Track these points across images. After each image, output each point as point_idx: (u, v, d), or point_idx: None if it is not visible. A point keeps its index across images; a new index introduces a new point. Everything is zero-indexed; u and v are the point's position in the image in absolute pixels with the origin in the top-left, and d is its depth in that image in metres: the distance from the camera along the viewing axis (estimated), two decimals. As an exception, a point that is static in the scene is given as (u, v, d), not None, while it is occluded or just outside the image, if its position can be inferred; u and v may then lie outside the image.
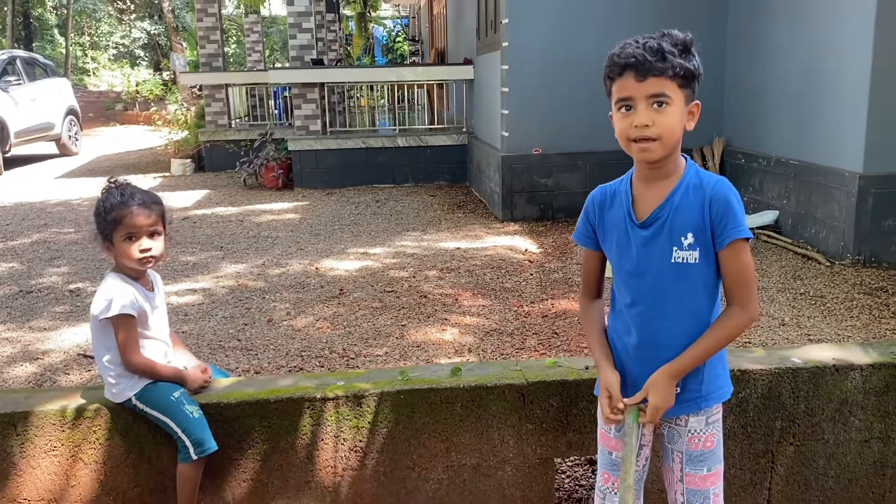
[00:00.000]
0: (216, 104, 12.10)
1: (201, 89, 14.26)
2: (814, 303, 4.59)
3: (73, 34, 31.85)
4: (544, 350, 3.97)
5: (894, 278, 4.98)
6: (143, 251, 2.30)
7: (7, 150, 12.42)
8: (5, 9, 27.50)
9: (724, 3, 7.16)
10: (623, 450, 1.82)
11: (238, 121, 12.68)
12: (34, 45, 31.01)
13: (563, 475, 2.81)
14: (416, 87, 11.95)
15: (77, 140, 15.22)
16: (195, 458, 2.30)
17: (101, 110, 24.77)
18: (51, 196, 9.72)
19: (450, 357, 3.91)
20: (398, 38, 26.33)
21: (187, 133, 13.01)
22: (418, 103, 12.51)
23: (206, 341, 4.21)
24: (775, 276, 5.15)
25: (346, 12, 23.07)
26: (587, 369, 2.52)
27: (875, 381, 2.48)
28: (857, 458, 2.53)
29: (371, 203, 8.55)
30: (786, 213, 6.15)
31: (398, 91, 11.03)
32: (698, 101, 1.72)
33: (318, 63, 10.12)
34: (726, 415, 2.43)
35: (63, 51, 30.71)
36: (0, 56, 13.44)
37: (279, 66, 24.48)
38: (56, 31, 34.49)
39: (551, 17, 7.10)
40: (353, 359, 3.91)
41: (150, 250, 2.31)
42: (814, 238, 5.73)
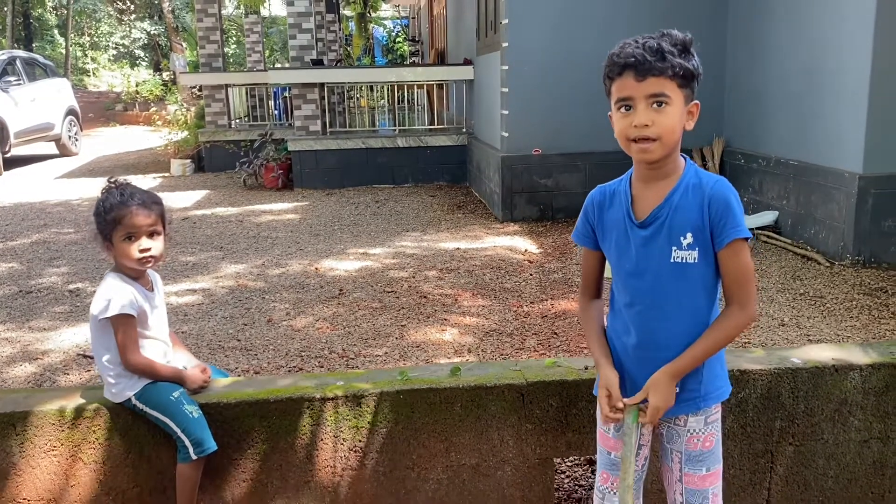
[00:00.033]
0: (216, 104, 12.11)
1: (201, 90, 14.27)
2: (813, 303, 4.59)
3: (73, 34, 31.86)
4: (544, 350, 3.98)
5: (894, 279, 4.99)
6: (142, 251, 2.30)
7: (7, 150, 12.43)
8: (5, 9, 27.51)
9: (723, 3, 7.16)
10: (622, 450, 1.82)
11: (238, 121, 12.68)
12: (34, 45, 31.03)
13: (563, 475, 2.81)
14: (415, 87, 11.95)
15: (77, 140, 15.23)
16: (195, 457, 2.30)
17: (100, 111, 24.78)
18: (50, 196, 9.72)
19: (449, 357, 3.91)
20: (398, 38, 26.33)
21: (187, 133, 13.01)
22: (418, 104, 12.51)
23: (205, 341, 4.21)
24: (775, 277, 5.15)
25: (346, 13, 23.07)
26: (587, 369, 2.52)
27: (874, 382, 2.48)
28: (857, 458, 2.53)
29: (371, 203, 8.55)
30: (785, 214, 6.16)
31: (398, 91, 11.03)
32: (697, 101, 1.72)
33: (317, 63, 10.12)
34: (726, 415, 2.43)
35: (63, 51, 30.72)
36: (0, 56, 13.45)
37: (279, 66, 24.49)
38: (56, 31, 34.50)
39: (551, 17, 7.11)
40: (353, 359, 3.92)
41: (149, 250, 2.31)
42: (813, 238, 5.73)
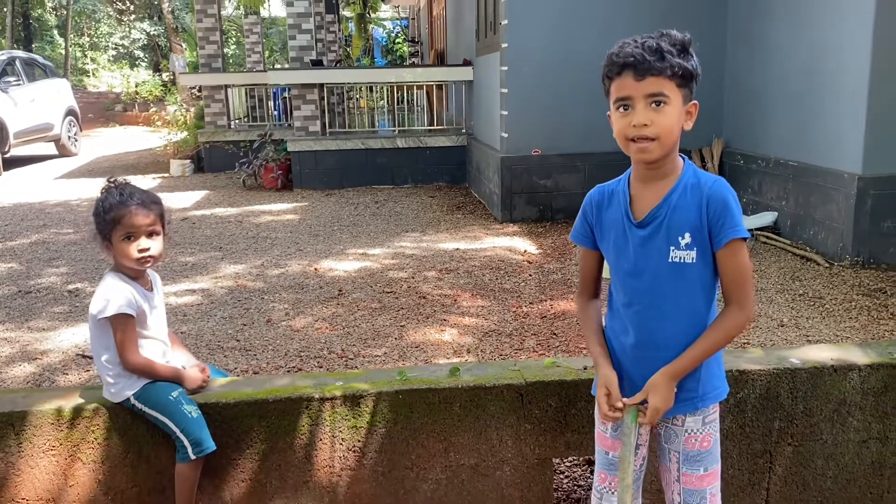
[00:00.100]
0: (215, 105, 12.11)
1: (201, 90, 14.27)
2: (812, 304, 4.59)
3: (72, 35, 31.86)
4: (543, 351, 3.98)
5: (893, 279, 4.99)
6: (141, 251, 2.30)
7: (6, 150, 12.43)
8: (5, 9, 27.51)
9: (723, 4, 7.16)
10: (621, 449, 1.82)
11: (237, 122, 12.68)
12: (34, 45, 31.03)
13: (562, 475, 2.81)
14: (415, 88, 11.94)
15: (76, 141, 15.23)
16: (193, 457, 2.30)
17: (100, 111, 24.79)
18: (50, 196, 9.71)
19: (448, 357, 3.91)
20: (398, 39, 26.33)
21: (186, 134, 13.01)
22: (418, 104, 12.50)
23: (204, 341, 4.21)
24: (774, 277, 5.15)
25: (346, 13, 23.08)
26: (585, 369, 2.52)
27: (873, 382, 2.49)
28: (856, 459, 2.54)
29: (370, 204, 8.55)
30: (785, 215, 6.16)
31: (397, 92, 11.03)
32: (696, 102, 1.72)
33: (317, 64, 10.12)
34: (724, 415, 2.43)
35: (62, 51, 30.73)
36: (0, 56, 13.45)
37: (278, 66, 24.50)
38: (55, 31, 34.50)
39: (550, 18, 7.11)
40: (352, 359, 3.91)
41: (148, 250, 2.31)
42: (813, 239, 5.74)
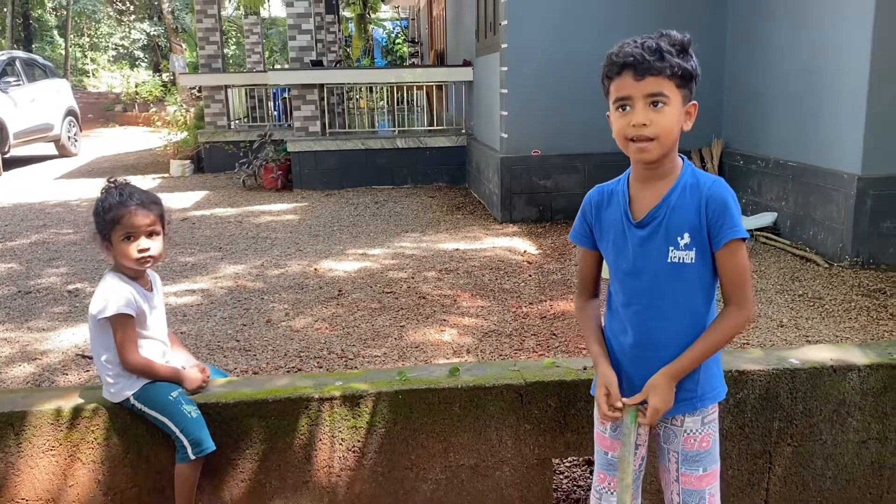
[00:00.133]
0: (215, 105, 12.11)
1: (200, 90, 14.27)
2: (812, 304, 4.59)
3: (72, 35, 31.87)
4: (543, 351, 3.98)
5: (892, 280, 4.99)
6: (141, 251, 2.30)
7: (6, 150, 12.43)
8: (5, 10, 27.52)
9: (723, 4, 7.17)
10: (621, 450, 1.82)
11: (237, 122, 12.68)
12: (34, 46, 31.04)
13: (561, 475, 2.81)
14: (415, 88, 11.95)
15: (76, 141, 15.23)
16: (193, 457, 2.30)
17: (100, 111, 24.79)
18: (50, 197, 9.71)
19: (448, 358, 3.91)
20: (397, 39, 26.33)
21: (186, 134, 13.01)
22: (417, 105, 12.51)
23: (204, 342, 4.21)
24: (774, 278, 5.15)
25: (346, 14, 23.10)
26: (585, 370, 2.53)
27: (873, 382, 2.49)
28: (855, 459, 2.54)
29: (370, 204, 8.55)
30: (784, 215, 6.16)
31: (397, 92, 11.03)
32: (695, 102, 1.72)
33: (317, 64, 10.12)
34: (724, 415, 2.44)
35: (62, 52, 30.74)
36: (-1, 57, 13.48)
37: (278, 67, 24.50)
38: (55, 32, 34.51)
39: (550, 18, 7.11)
40: (352, 359, 3.91)
41: (148, 250, 2.31)
42: (812, 240, 5.74)
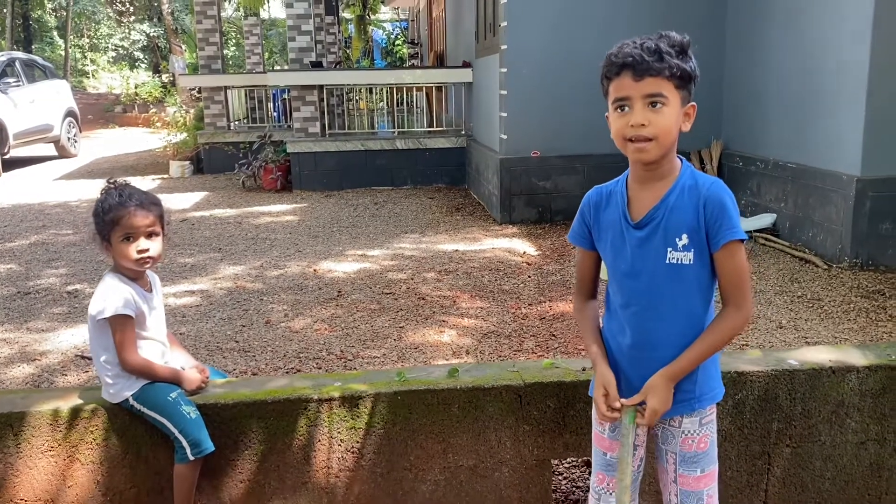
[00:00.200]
0: (215, 106, 12.11)
1: (200, 91, 14.28)
2: (811, 305, 4.59)
3: (72, 36, 31.87)
4: (542, 352, 3.98)
5: (891, 281, 4.99)
6: (140, 252, 2.30)
7: (6, 151, 12.42)
8: (5, 10, 27.54)
9: (722, 5, 7.18)
10: (619, 450, 1.82)
11: (237, 123, 12.69)
12: (33, 46, 31.04)
13: (560, 476, 2.81)
14: (415, 89, 11.96)
15: (76, 142, 15.23)
16: (192, 458, 2.30)
17: (100, 112, 24.79)
18: (49, 198, 9.71)
19: (447, 359, 3.91)
20: (397, 40, 26.35)
21: (186, 135, 13.01)
22: (417, 106, 12.52)
23: (203, 343, 4.21)
24: (773, 279, 5.16)
25: (346, 15, 23.12)
26: (584, 371, 2.53)
27: (871, 384, 2.49)
28: (854, 460, 2.54)
29: (369, 205, 8.55)
30: (783, 216, 6.16)
31: (397, 94, 11.04)
32: (694, 103, 1.73)
33: (317, 65, 10.13)
34: (723, 416, 2.44)
35: (62, 53, 30.74)
36: (-1, 58, 13.47)
37: (278, 68, 24.51)
38: (55, 33, 34.51)
39: (550, 20, 7.12)
40: (351, 360, 3.92)
41: (147, 251, 2.31)
42: (811, 241, 5.74)
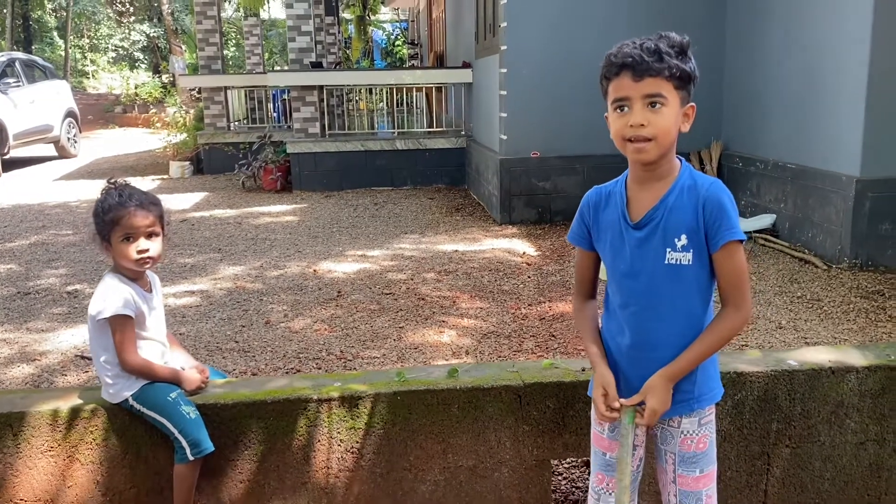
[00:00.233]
0: (215, 107, 12.12)
1: (200, 92, 14.27)
2: (811, 306, 4.59)
3: (72, 37, 31.87)
4: (541, 352, 3.98)
5: (891, 282, 4.99)
6: (140, 252, 2.30)
7: (6, 152, 12.43)
8: (5, 11, 27.54)
9: (722, 6, 7.18)
10: (619, 450, 1.82)
11: (237, 123, 12.69)
12: (33, 47, 31.05)
13: (560, 477, 2.82)
14: (414, 90, 11.96)
15: (76, 142, 15.23)
16: (192, 458, 2.30)
17: (99, 113, 24.80)
18: (49, 198, 9.71)
19: (447, 359, 3.91)
20: (397, 41, 26.35)
21: (186, 135, 13.02)
22: (417, 106, 12.53)
23: (203, 343, 4.21)
24: (772, 280, 5.16)
25: (346, 16, 23.13)
26: (584, 371, 2.53)
27: (871, 384, 2.49)
28: (853, 461, 2.54)
29: (369, 206, 8.55)
30: (783, 217, 6.17)
31: (397, 94, 11.04)
32: (693, 104, 1.73)
33: (317, 66, 10.13)
34: (722, 416, 2.44)
35: (62, 53, 30.74)
36: (-1, 58, 13.47)
37: (278, 68, 24.51)
38: (55, 33, 34.51)
39: (549, 20, 7.12)
40: (351, 360, 3.92)
41: (147, 251, 2.31)
42: (811, 241, 5.74)
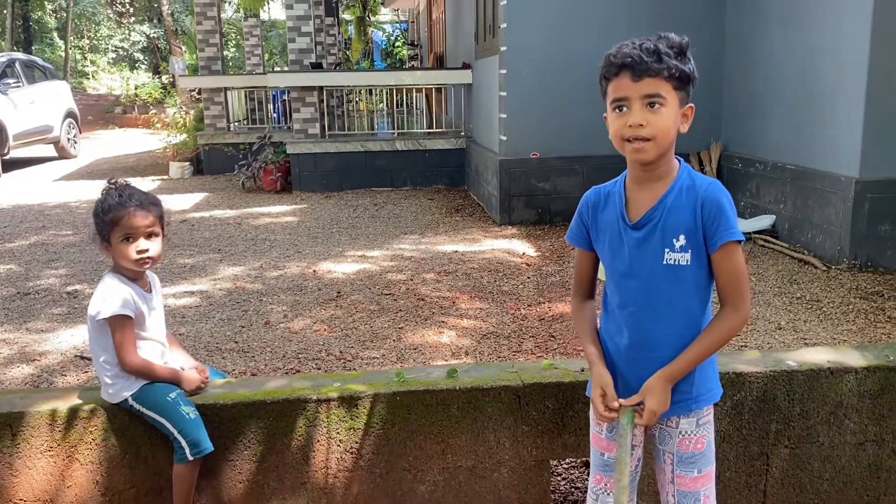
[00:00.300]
0: (215, 107, 12.12)
1: (200, 93, 14.28)
2: (810, 307, 4.60)
3: (72, 37, 31.89)
4: (541, 353, 3.98)
5: (890, 283, 5.00)
6: (140, 252, 2.30)
7: (6, 152, 12.43)
8: (5, 11, 27.55)
9: (721, 7, 7.19)
10: (617, 451, 1.82)
11: (237, 124, 12.69)
12: (33, 47, 31.05)
13: (559, 477, 2.82)
14: (414, 91, 11.97)
15: (76, 143, 15.23)
16: (191, 458, 2.30)
17: (99, 113, 24.80)
18: (49, 198, 9.72)
19: (447, 359, 3.91)
20: (397, 42, 26.36)
21: (186, 136, 13.03)
22: (417, 107, 12.53)
23: (202, 343, 4.22)
24: (772, 281, 5.16)
25: (346, 16, 23.14)
26: (583, 371, 2.53)
27: (870, 384, 2.49)
28: (852, 461, 2.54)
29: (369, 206, 8.56)
30: (782, 218, 6.17)
31: (397, 95, 11.04)
32: (692, 105, 1.73)
33: (316, 67, 10.13)
34: (721, 417, 2.44)
35: (62, 54, 30.77)
36: (-1, 59, 13.48)
37: (278, 69, 24.52)
38: (55, 34, 34.53)
39: (549, 21, 7.13)
40: (350, 361, 3.92)
41: (147, 251, 2.31)
42: (810, 242, 5.75)
